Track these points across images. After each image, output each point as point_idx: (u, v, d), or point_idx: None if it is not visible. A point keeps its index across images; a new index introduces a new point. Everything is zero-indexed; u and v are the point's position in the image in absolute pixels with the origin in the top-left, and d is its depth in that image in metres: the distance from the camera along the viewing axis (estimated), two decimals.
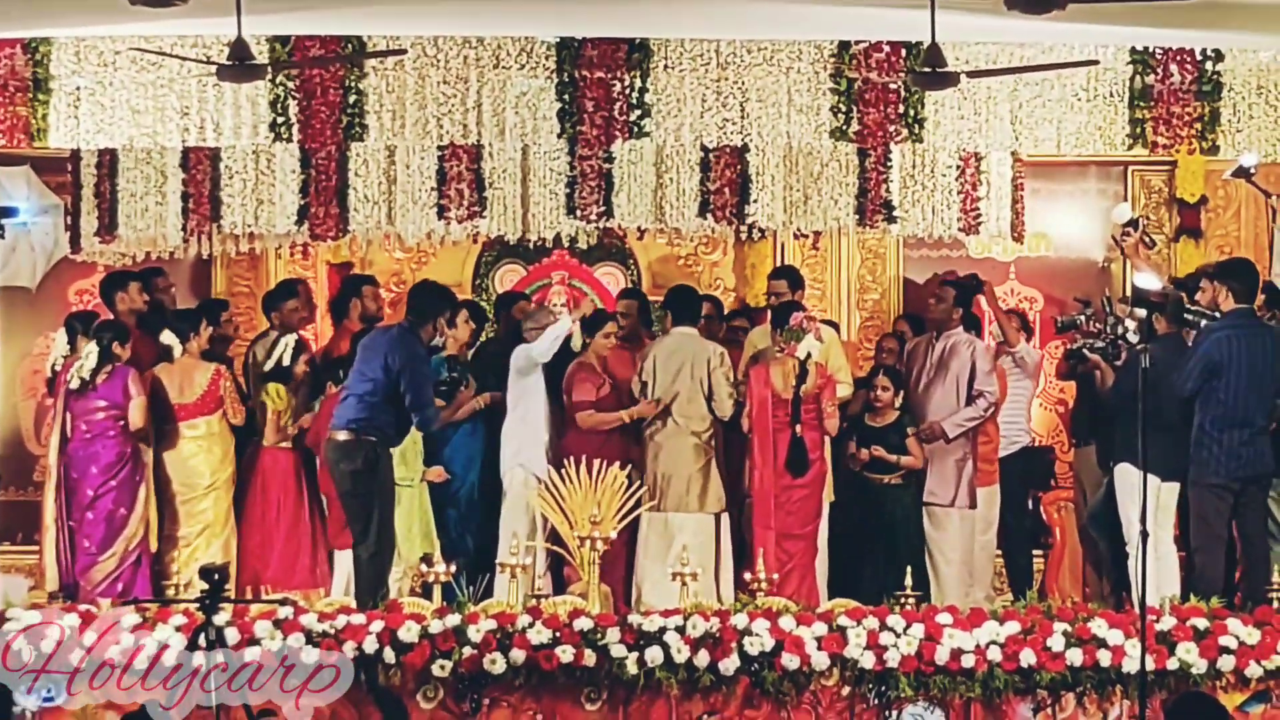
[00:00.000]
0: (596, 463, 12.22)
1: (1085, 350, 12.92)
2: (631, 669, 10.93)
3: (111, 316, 13.00)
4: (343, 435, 11.99)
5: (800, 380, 12.55)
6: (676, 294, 13.42)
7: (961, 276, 13.59)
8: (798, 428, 12.53)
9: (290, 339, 13.06)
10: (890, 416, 12.75)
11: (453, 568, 11.63)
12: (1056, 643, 11.01)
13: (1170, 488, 11.83)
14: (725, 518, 12.90)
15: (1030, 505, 14.16)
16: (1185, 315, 12.49)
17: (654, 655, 10.95)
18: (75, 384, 12.42)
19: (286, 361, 12.92)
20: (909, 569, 12.06)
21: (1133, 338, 11.98)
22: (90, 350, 12.52)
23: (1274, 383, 11.96)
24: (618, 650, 10.95)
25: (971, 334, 13.24)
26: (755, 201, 12.63)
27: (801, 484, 12.59)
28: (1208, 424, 11.79)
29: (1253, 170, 13.60)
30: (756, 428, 12.65)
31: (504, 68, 12.21)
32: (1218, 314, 12.31)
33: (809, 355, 12.49)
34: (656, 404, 12.86)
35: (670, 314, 13.13)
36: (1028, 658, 10.99)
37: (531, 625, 10.89)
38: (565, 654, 10.84)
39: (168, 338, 12.69)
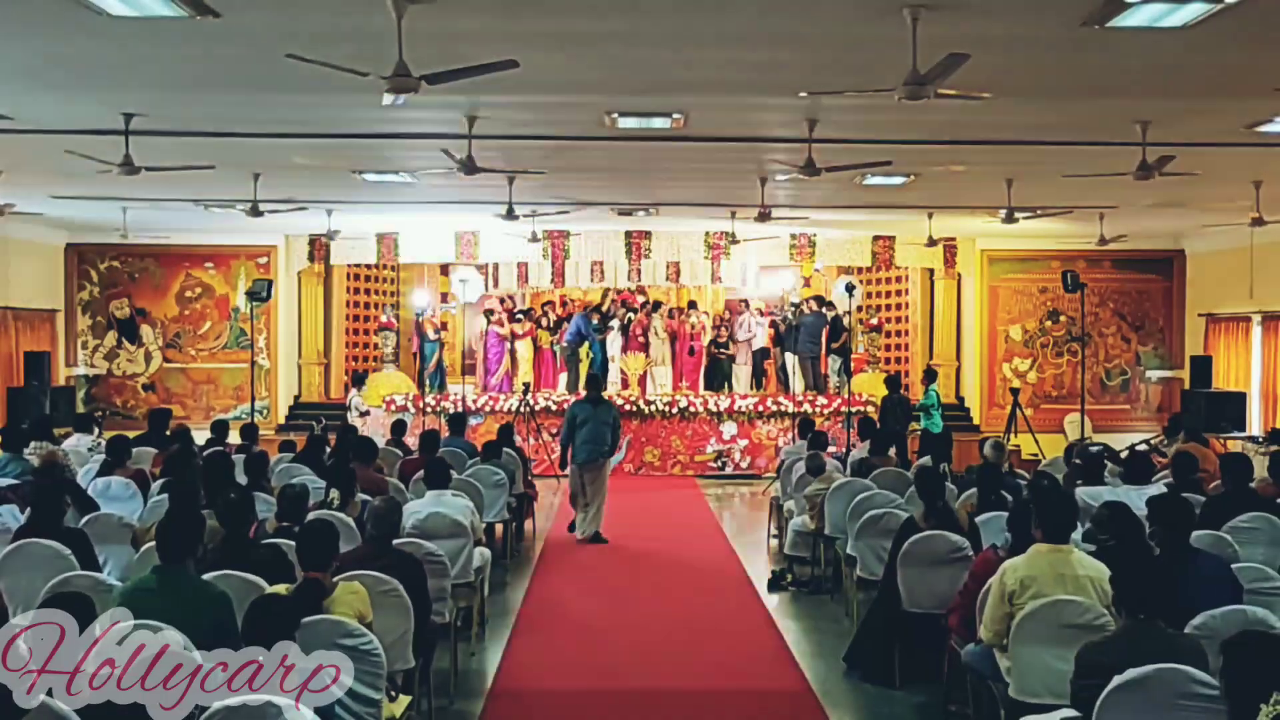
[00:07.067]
0: (636, 353, 16.06)
1: (780, 321, 16.63)
2: (646, 411, 14.72)
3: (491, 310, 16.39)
4: (566, 344, 15.93)
5: (691, 333, 15.93)
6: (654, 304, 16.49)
7: (742, 299, 16.89)
8: (693, 344, 16.01)
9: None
10: (724, 338, 16.37)
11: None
12: (771, 406, 15.05)
13: (805, 362, 15.57)
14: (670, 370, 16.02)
15: (762, 367, 17.13)
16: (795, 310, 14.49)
17: (651, 411, 14.95)
18: (489, 336, 16.08)
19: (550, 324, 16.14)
20: (727, 383, 16.08)
21: (792, 318, 15.72)
22: (483, 321, 16.58)
23: (820, 335, 15.60)
24: (643, 407, 14.91)
25: (751, 315, 16.80)
26: (680, 276, 15.92)
27: (694, 360, 16.20)
28: (802, 343, 15.71)
29: (851, 289, 15.10)
30: (680, 345, 16.11)
31: (611, 237, 15.38)
32: (811, 314, 15.61)
33: (694, 323, 15.86)
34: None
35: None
36: (761, 410, 15.02)
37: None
38: (628, 409, 14.82)
39: (518, 317, 16.35)
